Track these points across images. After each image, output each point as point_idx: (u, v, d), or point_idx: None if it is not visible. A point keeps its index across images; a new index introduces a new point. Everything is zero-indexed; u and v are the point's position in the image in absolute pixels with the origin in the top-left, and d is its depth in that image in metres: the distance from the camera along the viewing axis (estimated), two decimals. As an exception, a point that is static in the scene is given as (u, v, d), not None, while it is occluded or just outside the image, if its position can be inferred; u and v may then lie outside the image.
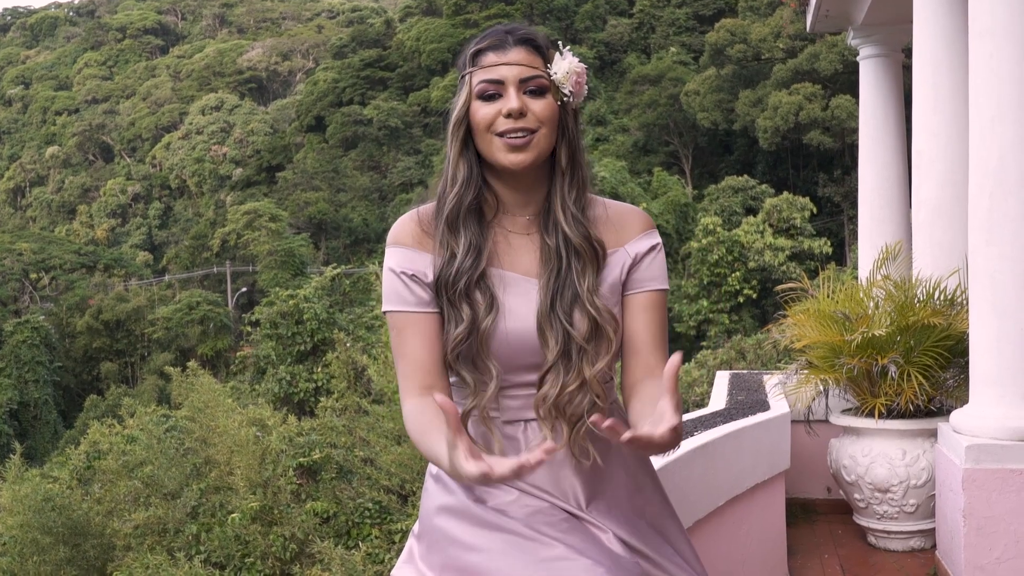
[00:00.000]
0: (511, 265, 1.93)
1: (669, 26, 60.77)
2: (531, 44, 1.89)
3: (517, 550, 1.81)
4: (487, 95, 1.88)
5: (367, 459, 8.80)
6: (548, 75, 1.89)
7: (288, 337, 19.69)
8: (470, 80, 1.89)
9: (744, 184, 43.01)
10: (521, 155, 1.87)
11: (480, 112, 1.88)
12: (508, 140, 1.87)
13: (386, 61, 67.45)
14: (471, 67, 1.90)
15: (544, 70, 1.89)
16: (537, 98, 1.88)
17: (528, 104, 1.87)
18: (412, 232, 1.95)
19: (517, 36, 1.89)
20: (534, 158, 1.88)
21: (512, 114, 1.85)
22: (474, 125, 1.89)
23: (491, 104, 1.87)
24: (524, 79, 1.87)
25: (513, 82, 1.87)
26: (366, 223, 57.45)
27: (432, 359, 1.91)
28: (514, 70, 1.87)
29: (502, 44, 1.89)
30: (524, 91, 1.87)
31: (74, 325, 50.48)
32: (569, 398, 1.87)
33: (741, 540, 4.14)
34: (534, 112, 1.87)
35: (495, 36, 1.90)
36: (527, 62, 1.88)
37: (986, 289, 4.14)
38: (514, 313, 1.89)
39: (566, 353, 1.88)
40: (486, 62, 1.88)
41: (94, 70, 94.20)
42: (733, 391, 5.99)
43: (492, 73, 1.87)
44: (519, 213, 1.96)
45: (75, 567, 9.22)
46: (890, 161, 7.18)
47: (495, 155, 1.89)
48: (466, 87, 1.90)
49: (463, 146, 1.91)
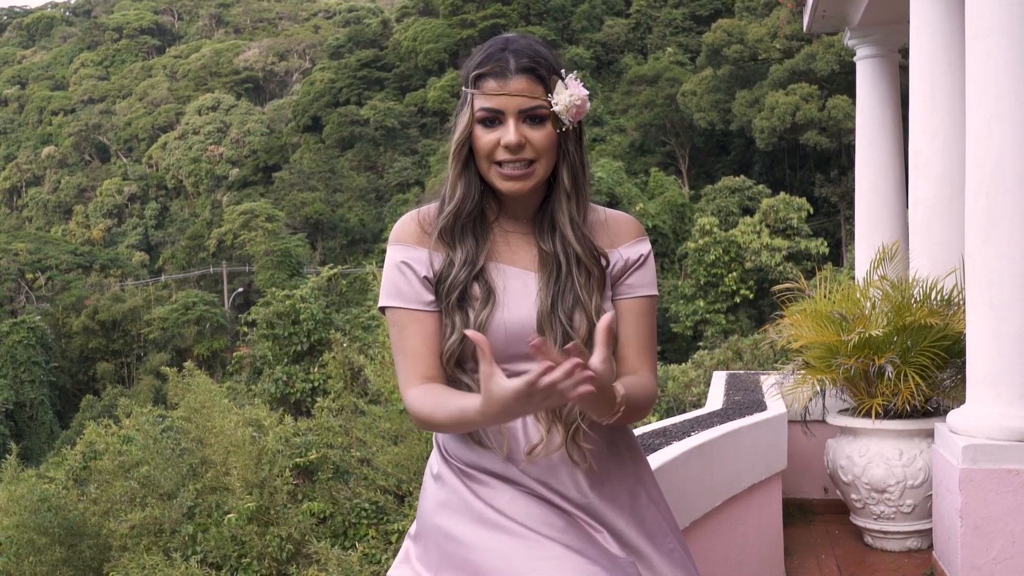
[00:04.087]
0: (510, 260, 1.97)
1: (666, 26, 60.82)
2: (533, 73, 1.89)
3: (515, 549, 1.83)
4: (487, 120, 1.90)
5: (364, 459, 8.79)
6: (549, 104, 1.90)
7: (285, 337, 19.68)
8: (472, 104, 1.91)
9: (741, 184, 43.02)
10: (519, 184, 1.91)
11: (482, 140, 1.90)
12: (507, 171, 1.90)
13: (383, 61, 67.44)
14: (472, 88, 1.91)
15: (545, 99, 1.89)
16: (537, 126, 1.90)
17: (527, 134, 1.89)
18: (414, 231, 1.99)
19: (519, 64, 1.88)
20: (532, 186, 1.93)
21: (510, 147, 1.88)
22: (475, 149, 1.92)
23: (492, 132, 1.90)
24: (524, 109, 1.88)
25: (512, 112, 1.88)
26: (363, 223, 57.45)
27: (431, 353, 1.93)
28: (514, 101, 1.88)
29: (503, 72, 1.88)
30: (523, 119, 1.89)
31: (70, 325, 50.45)
32: None
33: (738, 540, 4.14)
34: (532, 143, 1.89)
35: (496, 62, 1.89)
36: (528, 92, 1.88)
37: (983, 289, 4.14)
38: (512, 303, 1.93)
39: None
40: (487, 89, 1.89)
41: (90, 70, 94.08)
42: (730, 391, 5.99)
43: (492, 102, 1.88)
44: (518, 217, 2.00)
45: (71, 567, 9.21)
46: (887, 161, 7.19)
47: (494, 181, 1.93)
48: (468, 108, 1.92)
49: (464, 167, 1.95)
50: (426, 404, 1.87)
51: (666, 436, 3.91)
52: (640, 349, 2.00)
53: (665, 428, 4.20)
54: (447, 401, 1.82)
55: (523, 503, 1.89)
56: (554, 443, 1.89)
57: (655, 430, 4.12)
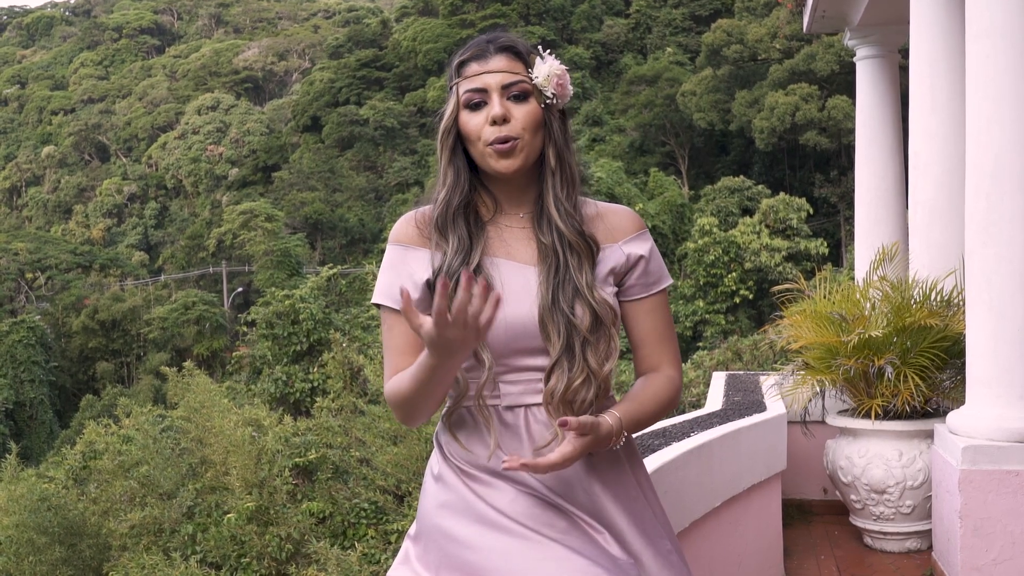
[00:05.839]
0: (508, 255, 1.99)
1: (665, 26, 60.81)
2: (511, 51, 1.98)
3: (516, 550, 1.84)
4: (473, 104, 1.96)
5: (363, 459, 8.79)
6: (530, 79, 1.97)
7: (284, 337, 19.64)
8: (457, 90, 1.98)
9: (740, 185, 42.99)
10: (508, 161, 1.95)
11: (470, 123, 1.96)
12: (495, 147, 1.94)
13: (382, 61, 67.44)
14: (456, 78, 1.99)
15: (526, 75, 1.97)
16: (521, 103, 1.96)
17: (511, 110, 1.95)
18: (410, 232, 2.02)
19: (498, 44, 1.98)
20: (522, 163, 1.96)
21: (496, 120, 1.93)
22: (464, 135, 1.98)
23: (478, 113, 1.96)
24: (506, 85, 1.95)
25: (496, 88, 1.95)
26: (362, 223, 57.44)
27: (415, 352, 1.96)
28: (496, 77, 1.95)
29: (483, 53, 1.97)
30: (507, 96, 1.95)
31: (70, 325, 50.41)
32: (576, 391, 1.92)
33: (737, 541, 4.14)
34: (517, 118, 1.95)
35: (477, 46, 1.99)
36: (508, 68, 1.96)
37: (983, 290, 4.14)
38: (513, 298, 1.94)
39: (569, 347, 1.92)
40: (469, 72, 1.97)
41: (90, 70, 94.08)
42: (729, 392, 5.99)
43: (476, 82, 1.95)
44: (514, 211, 2.03)
45: (71, 567, 9.20)
46: (887, 162, 7.19)
47: (486, 162, 1.97)
48: (453, 97, 1.99)
49: (452, 154, 2.00)
50: (394, 385, 1.92)
51: (665, 437, 3.91)
52: (659, 343, 2.04)
53: (665, 429, 4.20)
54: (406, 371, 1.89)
55: (524, 503, 1.89)
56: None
57: (655, 431, 4.12)
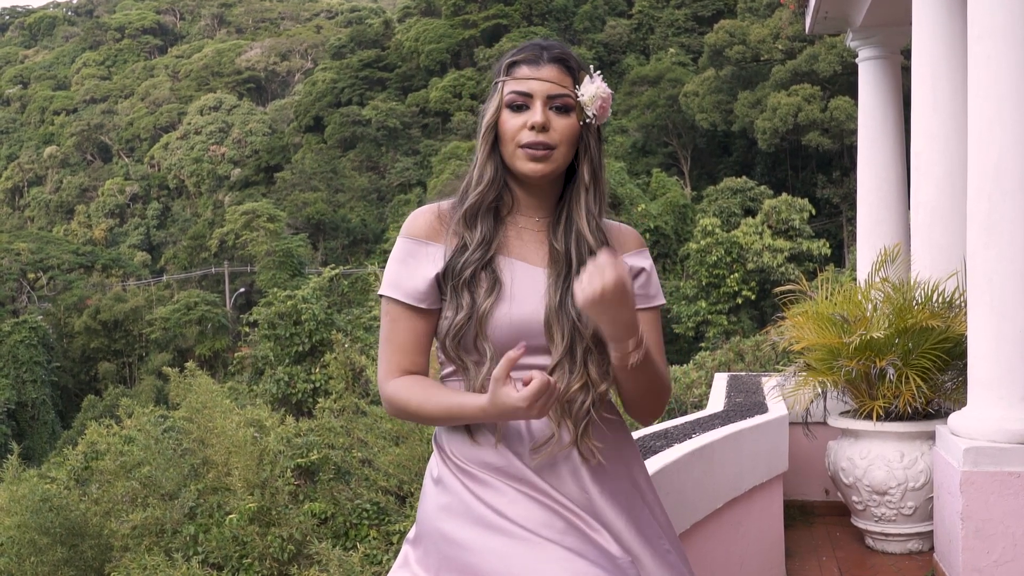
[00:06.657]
0: (520, 255, 2.01)
1: (668, 27, 60.80)
2: (563, 63, 2.00)
3: (515, 552, 1.84)
4: (515, 105, 1.98)
5: (365, 460, 8.79)
6: (575, 96, 1.98)
7: (286, 338, 19.64)
8: (502, 88, 2.00)
9: (743, 185, 42.97)
10: (539, 166, 1.97)
11: (508, 123, 1.98)
12: (528, 151, 1.96)
13: (385, 62, 67.45)
14: (505, 76, 2.00)
15: (572, 90, 1.99)
16: (562, 116, 1.98)
17: (552, 120, 1.97)
18: (428, 224, 2.03)
19: (552, 53, 2.00)
20: (551, 171, 1.99)
21: (536, 127, 1.95)
22: (501, 133, 2.00)
23: (518, 115, 1.98)
24: (552, 96, 1.97)
25: (541, 97, 1.97)
26: (364, 223, 57.45)
27: (417, 350, 1.99)
28: (544, 86, 1.97)
29: (537, 59, 1.99)
30: (550, 107, 1.97)
31: (72, 325, 50.45)
32: (574, 396, 1.93)
33: (739, 542, 4.14)
34: (556, 129, 1.97)
35: (532, 50, 2.00)
36: (557, 80, 1.98)
37: (984, 291, 4.14)
38: (521, 297, 1.96)
39: (571, 350, 1.94)
40: (519, 74, 1.99)
41: (92, 70, 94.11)
42: (731, 393, 5.99)
43: (523, 86, 1.97)
44: (531, 214, 2.05)
45: (73, 568, 9.20)
46: (889, 163, 7.18)
47: (515, 163, 1.99)
48: (497, 94, 2.01)
49: (491, 149, 2.02)
50: (414, 394, 1.94)
51: (667, 438, 3.91)
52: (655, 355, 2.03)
53: (666, 430, 4.20)
54: (440, 396, 1.91)
55: (524, 505, 1.90)
56: (564, 440, 1.93)
57: (656, 432, 4.12)
